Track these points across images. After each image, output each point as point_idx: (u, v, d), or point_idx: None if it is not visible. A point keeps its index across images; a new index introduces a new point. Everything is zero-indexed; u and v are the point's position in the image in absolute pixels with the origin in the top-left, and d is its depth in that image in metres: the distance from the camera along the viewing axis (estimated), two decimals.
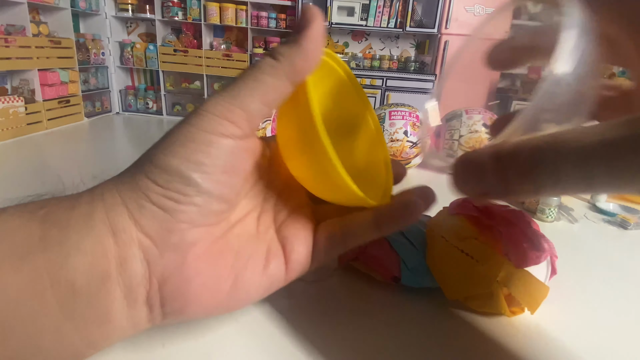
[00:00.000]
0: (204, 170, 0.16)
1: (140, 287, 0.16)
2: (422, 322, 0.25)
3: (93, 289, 0.14)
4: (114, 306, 0.15)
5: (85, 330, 0.15)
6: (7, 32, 1.67)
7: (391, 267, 0.27)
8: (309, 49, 0.16)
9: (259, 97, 0.16)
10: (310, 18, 0.16)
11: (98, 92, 2.42)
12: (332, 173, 0.17)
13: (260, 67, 0.16)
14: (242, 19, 2.64)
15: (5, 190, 0.47)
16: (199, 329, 0.23)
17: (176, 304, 0.16)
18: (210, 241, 0.17)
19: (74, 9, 2.13)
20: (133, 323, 0.16)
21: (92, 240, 0.15)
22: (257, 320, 0.24)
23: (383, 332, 0.24)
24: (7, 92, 1.69)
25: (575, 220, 0.47)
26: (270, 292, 0.19)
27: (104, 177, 0.19)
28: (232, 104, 0.16)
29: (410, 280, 0.27)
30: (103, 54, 2.47)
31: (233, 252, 0.18)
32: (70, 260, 0.14)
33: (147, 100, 2.66)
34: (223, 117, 0.16)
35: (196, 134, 0.16)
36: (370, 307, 0.26)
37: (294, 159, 0.20)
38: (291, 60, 0.16)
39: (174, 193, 0.15)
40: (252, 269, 0.18)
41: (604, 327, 0.27)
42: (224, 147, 0.16)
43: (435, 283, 0.27)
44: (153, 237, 0.15)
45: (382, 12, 2.74)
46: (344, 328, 0.24)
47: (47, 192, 0.18)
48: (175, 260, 0.16)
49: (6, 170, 0.58)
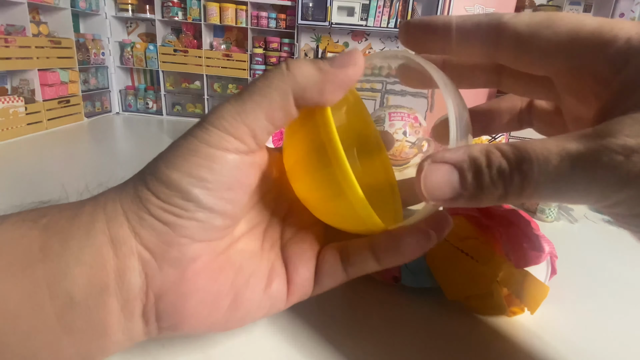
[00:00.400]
0: (206, 186, 0.15)
1: (137, 300, 0.15)
2: (422, 322, 0.25)
3: (91, 301, 0.14)
4: (111, 319, 0.15)
5: (82, 344, 0.15)
6: (7, 32, 1.67)
7: (391, 267, 0.27)
8: (341, 80, 0.15)
9: (264, 114, 0.15)
10: (352, 56, 0.16)
11: (98, 92, 2.42)
12: (348, 195, 0.16)
13: (269, 82, 0.15)
14: (242, 19, 2.64)
15: (6, 191, 0.47)
16: None
17: (172, 319, 0.16)
18: (212, 257, 0.17)
19: (74, 9, 2.13)
20: (129, 336, 0.16)
21: (91, 251, 0.14)
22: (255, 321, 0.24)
23: (383, 332, 0.24)
24: (7, 92, 1.69)
25: (575, 220, 0.47)
26: (270, 314, 0.19)
27: (104, 177, 0.19)
28: (236, 120, 0.15)
29: (410, 280, 0.27)
30: (103, 54, 2.48)
31: (234, 269, 0.17)
32: (70, 272, 0.14)
33: (147, 100, 2.66)
34: (227, 133, 0.15)
35: (199, 147, 0.15)
36: (370, 307, 0.26)
37: (300, 179, 0.18)
38: (317, 84, 0.15)
39: (175, 208, 0.15)
40: (252, 288, 0.18)
41: (603, 327, 0.27)
42: (228, 162, 0.15)
43: (435, 283, 0.27)
44: (152, 250, 0.15)
45: (382, 12, 2.74)
46: (344, 328, 0.24)
47: (49, 200, 0.18)
48: (173, 275, 0.15)
49: (6, 170, 0.58)
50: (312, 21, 2.72)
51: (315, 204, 0.19)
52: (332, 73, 0.15)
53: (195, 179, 0.15)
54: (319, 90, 0.15)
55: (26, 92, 1.75)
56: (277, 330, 0.23)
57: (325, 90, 0.15)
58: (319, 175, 0.17)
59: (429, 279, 0.27)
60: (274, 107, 0.15)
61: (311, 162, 0.17)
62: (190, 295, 0.16)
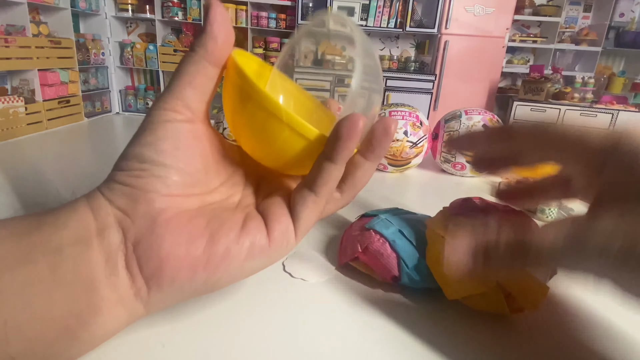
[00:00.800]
0: (155, 148, 0.18)
1: (119, 252, 0.18)
2: (422, 322, 0.25)
3: (78, 257, 0.17)
4: (97, 272, 0.17)
5: (72, 299, 0.16)
6: (7, 32, 1.67)
7: (390, 266, 0.27)
8: (215, 30, 0.19)
9: (187, 84, 0.19)
10: (208, 5, 0.19)
11: (98, 92, 2.43)
12: (272, 111, 0.18)
13: (182, 60, 0.20)
14: (242, 19, 2.64)
15: (5, 191, 0.47)
16: (199, 328, 0.23)
17: (152, 262, 0.18)
18: (181, 209, 0.19)
19: (74, 9, 2.14)
20: (118, 295, 0.17)
21: (76, 218, 0.18)
22: (256, 320, 0.24)
23: (382, 332, 0.24)
24: (7, 92, 1.69)
25: None
26: (252, 261, 0.19)
27: (104, 177, 0.19)
28: (169, 96, 0.19)
29: (409, 280, 0.27)
30: (103, 54, 2.48)
31: (206, 217, 0.19)
32: (59, 234, 0.17)
33: (147, 100, 2.66)
34: (163, 108, 0.19)
35: (145, 124, 0.19)
36: (369, 307, 0.26)
37: (239, 129, 0.21)
38: (203, 45, 0.19)
39: (135, 171, 0.18)
40: (227, 229, 0.19)
41: (604, 326, 0.27)
42: (169, 128, 0.19)
43: (435, 283, 0.27)
44: (124, 209, 0.18)
45: (382, 12, 2.74)
46: (343, 328, 0.24)
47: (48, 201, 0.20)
48: (145, 224, 0.18)
49: (6, 170, 0.58)
50: None
51: (258, 147, 0.21)
52: (206, 22, 0.19)
53: (145, 145, 0.19)
54: (207, 36, 0.19)
55: (26, 92, 1.75)
56: (276, 330, 0.23)
57: (213, 30, 0.19)
58: (247, 112, 0.19)
59: (429, 279, 0.27)
60: (193, 76, 0.19)
61: (238, 106, 0.20)
62: (164, 236, 0.18)
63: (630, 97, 2.86)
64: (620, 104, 2.72)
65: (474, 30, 2.73)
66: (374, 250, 0.28)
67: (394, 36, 3.01)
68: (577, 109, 2.68)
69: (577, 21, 3.05)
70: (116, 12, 2.57)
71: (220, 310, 0.24)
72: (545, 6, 2.91)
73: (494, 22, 2.71)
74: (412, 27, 2.78)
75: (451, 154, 0.59)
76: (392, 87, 2.72)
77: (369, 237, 0.29)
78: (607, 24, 2.85)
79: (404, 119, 0.57)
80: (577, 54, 3.03)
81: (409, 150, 0.56)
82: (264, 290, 0.27)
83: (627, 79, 2.93)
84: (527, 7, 2.91)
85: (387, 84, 2.72)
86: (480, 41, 2.74)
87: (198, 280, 0.18)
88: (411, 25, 2.78)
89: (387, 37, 3.01)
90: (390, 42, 3.03)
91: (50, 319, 0.16)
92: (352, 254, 0.29)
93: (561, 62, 3.03)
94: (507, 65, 3.04)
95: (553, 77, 2.80)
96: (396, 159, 0.57)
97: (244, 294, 0.26)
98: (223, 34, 0.19)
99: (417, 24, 2.80)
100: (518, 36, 2.97)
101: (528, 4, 2.91)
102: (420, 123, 0.58)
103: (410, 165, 0.59)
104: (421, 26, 2.79)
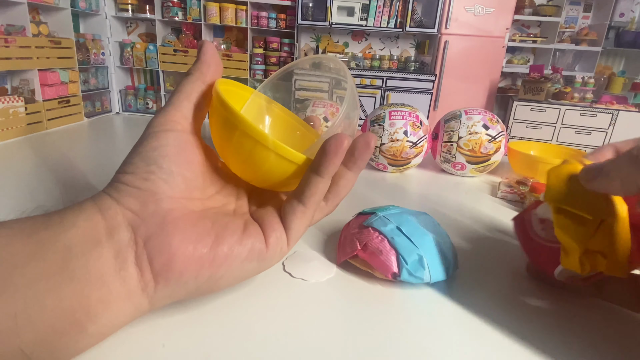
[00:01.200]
0: (160, 152, 0.20)
1: (129, 248, 0.18)
2: (422, 317, 0.25)
3: (87, 254, 0.17)
4: (107, 268, 0.18)
5: (82, 294, 0.17)
6: (7, 32, 1.68)
7: (390, 263, 0.27)
8: (208, 58, 0.23)
9: (185, 98, 0.22)
10: (201, 44, 0.24)
11: (98, 92, 2.43)
12: (260, 140, 0.20)
13: (181, 82, 0.23)
14: (242, 19, 2.65)
15: (5, 191, 0.47)
16: (200, 328, 0.23)
17: (162, 257, 0.18)
18: (187, 210, 0.20)
19: (74, 9, 2.14)
20: (127, 290, 0.18)
21: (84, 217, 0.18)
22: (256, 319, 0.24)
23: (382, 329, 0.24)
24: (7, 92, 1.69)
25: None
26: (250, 263, 0.21)
27: (104, 177, 0.19)
28: (169, 108, 0.22)
29: (409, 276, 0.27)
30: (103, 54, 2.48)
31: (210, 219, 0.21)
32: (68, 232, 0.17)
33: (147, 100, 2.66)
34: (164, 118, 0.21)
35: (148, 132, 0.21)
36: (369, 304, 0.26)
37: (227, 154, 0.23)
38: (199, 69, 0.23)
39: (143, 173, 0.19)
40: (231, 231, 0.21)
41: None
42: (170, 136, 0.21)
43: (433, 278, 0.27)
44: (133, 209, 0.19)
45: (382, 12, 2.74)
46: (343, 326, 0.24)
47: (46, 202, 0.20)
48: (156, 222, 0.19)
49: (6, 170, 0.58)
50: (312, 21, 2.72)
51: (247, 171, 0.23)
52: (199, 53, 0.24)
53: (151, 150, 0.20)
54: (201, 63, 0.23)
55: (26, 92, 1.75)
56: (275, 330, 0.23)
57: (205, 58, 0.23)
58: (234, 141, 0.21)
59: (428, 275, 0.27)
60: (189, 91, 0.22)
61: (225, 135, 0.22)
62: (173, 233, 0.19)
63: (630, 97, 2.86)
64: (620, 104, 2.72)
65: (474, 30, 2.73)
66: (373, 247, 0.28)
67: (394, 36, 3.01)
68: (577, 109, 2.68)
69: (577, 21, 3.05)
70: (116, 12, 2.57)
71: (220, 310, 0.24)
72: (545, 6, 2.91)
73: (494, 22, 2.72)
74: (412, 27, 2.78)
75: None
76: (392, 87, 2.72)
77: (368, 235, 0.29)
78: (607, 24, 2.85)
79: (403, 119, 0.57)
80: (577, 54, 3.03)
81: (409, 150, 0.56)
82: (264, 290, 0.27)
83: (627, 79, 2.93)
84: (527, 7, 2.91)
85: (387, 84, 2.72)
86: (480, 41, 2.74)
87: (203, 276, 0.20)
88: (411, 25, 2.77)
89: (387, 37, 3.01)
90: (390, 42, 3.03)
91: (61, 313, 0.16)
92: (351, 251, 0.29)
93: (561, 62, 3.03)
94: (507, 65, 3.04)
95: (553, 77, 2.80)
96: (396, 159, 0.57)
97: (244, 294, 0.26)
98: (214, 63, 0.24)
99: (417, 24, 2.80)
100: (518, 36, 2.97)
101: (528, 3, 2.92)
102: (420, 123, 0.58)
103: (410, 165, 0.59)
104: (421, 26, 2.79)
